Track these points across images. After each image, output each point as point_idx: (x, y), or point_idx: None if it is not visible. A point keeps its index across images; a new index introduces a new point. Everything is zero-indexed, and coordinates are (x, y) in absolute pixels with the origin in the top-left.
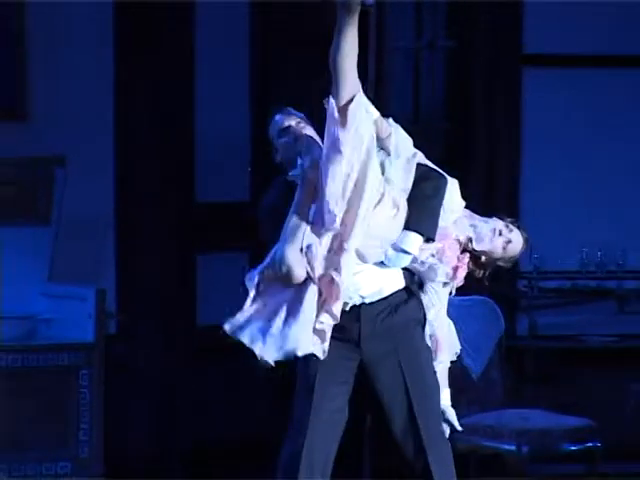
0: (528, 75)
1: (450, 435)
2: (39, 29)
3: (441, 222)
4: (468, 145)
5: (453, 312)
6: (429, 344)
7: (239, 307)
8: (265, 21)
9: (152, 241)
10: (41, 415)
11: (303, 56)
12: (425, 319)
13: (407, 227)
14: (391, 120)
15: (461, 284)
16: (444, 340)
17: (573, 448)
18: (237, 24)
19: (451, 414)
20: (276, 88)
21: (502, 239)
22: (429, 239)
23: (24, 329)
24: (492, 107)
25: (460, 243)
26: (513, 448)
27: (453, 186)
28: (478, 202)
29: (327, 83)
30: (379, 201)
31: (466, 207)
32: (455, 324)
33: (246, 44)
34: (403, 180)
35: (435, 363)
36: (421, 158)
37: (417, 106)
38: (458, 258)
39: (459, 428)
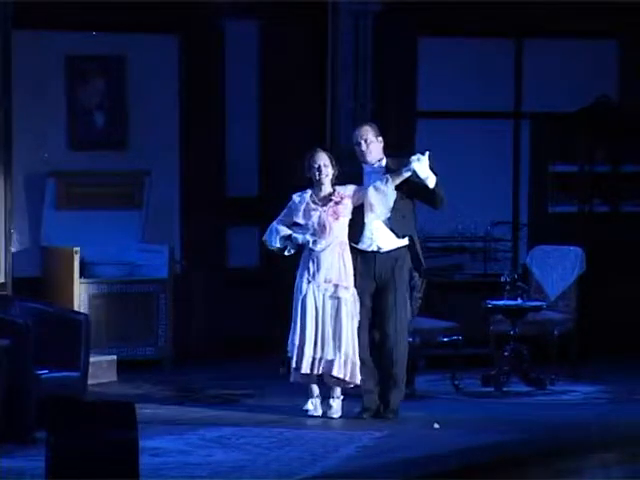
0: (420, 123)
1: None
2: (134, 95)
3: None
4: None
5: None
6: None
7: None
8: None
9: (201, 219)
10: (136, 321)
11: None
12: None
13: None
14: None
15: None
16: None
17: (445, 340)
18: (249, 67)
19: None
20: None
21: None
22: None
23: (127, 270)
24: (400, 145)
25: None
26: (411, 340)
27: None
28: None
29: None
30: None
31: None
32: None
33: (255, 85)
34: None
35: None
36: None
37: None
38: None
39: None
